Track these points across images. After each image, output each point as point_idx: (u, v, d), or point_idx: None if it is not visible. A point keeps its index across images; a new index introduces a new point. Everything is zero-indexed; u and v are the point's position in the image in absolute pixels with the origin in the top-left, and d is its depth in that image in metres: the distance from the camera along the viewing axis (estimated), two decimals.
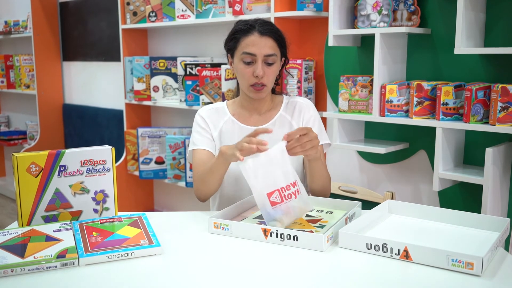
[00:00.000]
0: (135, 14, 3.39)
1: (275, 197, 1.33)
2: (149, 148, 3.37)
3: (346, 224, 1.36)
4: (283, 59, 1.72)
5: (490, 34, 2.10)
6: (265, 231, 1.29)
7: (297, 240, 1.26)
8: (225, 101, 1.79)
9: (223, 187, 1.72)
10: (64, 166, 1.36)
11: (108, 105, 4.08)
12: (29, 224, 1.35)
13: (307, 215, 1.45)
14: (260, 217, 1.44)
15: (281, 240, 1.28)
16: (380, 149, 2.29)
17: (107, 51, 4.01)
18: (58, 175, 1.36)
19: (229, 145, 1.49)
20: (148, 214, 1.44)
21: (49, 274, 1.13)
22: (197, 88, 3.00)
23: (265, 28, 1.62)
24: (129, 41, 3.52)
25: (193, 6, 3.01)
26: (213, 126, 1.72)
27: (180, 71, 3.11)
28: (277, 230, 1.28)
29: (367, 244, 1.22)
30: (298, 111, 1.73)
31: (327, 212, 1.48)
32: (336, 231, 1.29)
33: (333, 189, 2.14)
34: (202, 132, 1.72)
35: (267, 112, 1.73)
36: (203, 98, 2.96)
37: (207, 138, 1.71)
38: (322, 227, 1.37)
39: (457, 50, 2.00)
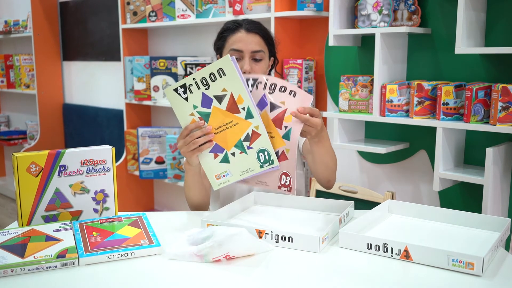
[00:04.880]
0: (135, 13, 3.38)
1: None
2: (149, 148, 3.37)
3: (340, 224, 1.36)
4: (272, 59, 1.73)
5: (490, 34, 2.10)
6: (259, 232, 1.29)
7: (292, 241, 1.26)
8: None
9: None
10: (64, 166, 1.36)
11: (108, 105, 4.08)
12: (29, 224, 1.35)
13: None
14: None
15: (275, 242, 1.27)
16: (380, 149, 2.29)
17: (107, 51, 4.01)
18: (58, 175, 1.36)
19: None
20: (148, 214, 1.43)
21: (49, 274, 1.13)
22: None
23: (252, 25, 1.65)
24: (129, 40, 3.52)
25: (193, 5, 3.01)
26: None
27: (180, 71, 3.11)
28: (271, 231, 1.28)
29: (367, 244, 1.22)
30: None
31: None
32: (330, 231, 1.29)
33: (333, 189, 2.14)
34: None
35: None
36: None
37: None
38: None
39: (458, 50, 1.99)
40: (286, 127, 1.38)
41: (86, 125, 4.26)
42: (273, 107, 1.40)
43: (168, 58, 3.28)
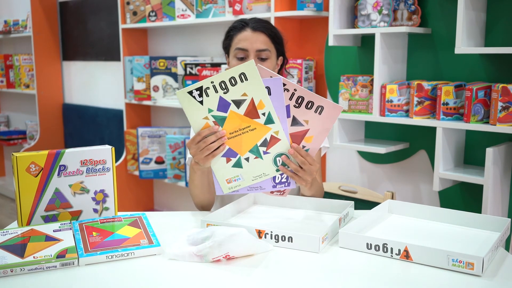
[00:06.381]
0: (135, 13, 3.38)
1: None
2: (149, 148, 3.37)
3: (340, 224, 1.36)
4: (280, 58, 1.71)
5: (490, 34, 2.09)
6: (259, 232, 1.29)
7: (291, 241, 1.26)
8: None
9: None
10: (64, 166, 1.36)
11: (108, 104, 4.08)
12: (28, 224, 1.35)
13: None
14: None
15: (275, 242, 1.27)
16: (380, 149, 2.29)
17: (107, 51, 4.01)
18: (58, 175, 1.35)
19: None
20: (148, 214, 1.43)
21: (48, 274, 1.13)
22: None
23: (258, 24, 1.64)
24: (129, 40, 3.52)
25: (193, 5, 3.01)
26: None
27: (180, 70, 3.11)
28: (271, 231, 1.28)
29: (367, 244, 1.22)
30: None
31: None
32: (330, 231, 1.29)
33: (333, 189, 2.14)
34: None
35: None
36: None
37: None
38: (271, 120, 1.32)
39: (458, 50, 1.99)
40: (304, 147, 1.36)
41: (85, 125, 4.25)
42: (295, 122, 1.35)
43: (168, 58, 3.28)
